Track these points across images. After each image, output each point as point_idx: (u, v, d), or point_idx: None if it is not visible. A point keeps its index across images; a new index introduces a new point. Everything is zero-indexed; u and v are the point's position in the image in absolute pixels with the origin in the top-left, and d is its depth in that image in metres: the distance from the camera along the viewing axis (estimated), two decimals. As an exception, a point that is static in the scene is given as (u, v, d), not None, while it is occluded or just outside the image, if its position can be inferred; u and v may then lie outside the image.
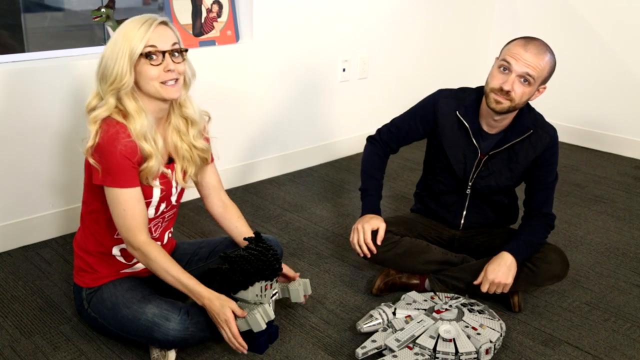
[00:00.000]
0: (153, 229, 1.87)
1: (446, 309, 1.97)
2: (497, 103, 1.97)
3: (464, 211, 2.24)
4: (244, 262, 1.74)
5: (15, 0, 4.71)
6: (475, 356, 1.82)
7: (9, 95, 2.30)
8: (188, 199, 2.89)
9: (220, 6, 2.92)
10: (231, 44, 2.97)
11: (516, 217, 2.31)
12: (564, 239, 2.71)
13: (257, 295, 1.77)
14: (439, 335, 1.83)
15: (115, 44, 1.64)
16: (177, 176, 1.83)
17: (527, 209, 2.16)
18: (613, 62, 3.77)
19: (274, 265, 1.78)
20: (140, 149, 1.67)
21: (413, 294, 2.07)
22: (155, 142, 1.71)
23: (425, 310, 1.98)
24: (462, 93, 2.15)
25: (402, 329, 1.87)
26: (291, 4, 3.10)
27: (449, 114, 2.13)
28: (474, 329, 1.88)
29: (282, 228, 2.73)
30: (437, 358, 1.80)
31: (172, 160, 1.83)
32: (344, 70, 3.45)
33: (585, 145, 3.98)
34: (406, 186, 3.23)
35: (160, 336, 1.74)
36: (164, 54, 1.66)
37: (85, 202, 1.84)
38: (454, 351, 1.79)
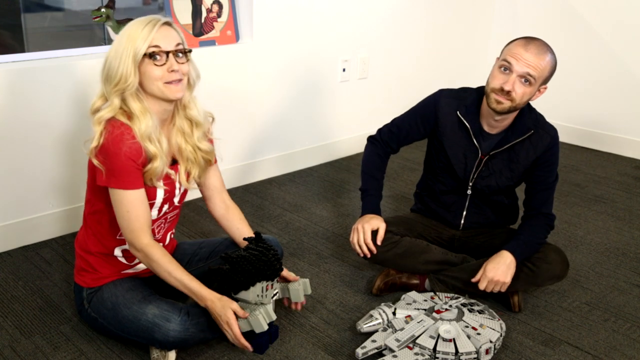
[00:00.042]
0: (156, 230, 1.86)
1: (446, 309, 1.97)
2: (498, 103, 1.97)
3: (464, 211, 2.24)
4: (245, 262, 1.74)
5: (15, 0, 4.70)
6: (475, 356, 1.82)
7: (8, 95, 2.30)
8: (188, 199, 2.87)
9: (220, 6, 2.92)
10: (231, 44, 2.97)
11: (516, 218, 2.31)
12: (564, 239, 2.71)
13: (258, 296, 1.77)
14: (439, 335, 1.83)
15: (119, 44, 1.65)
16: (180, 177, 1.83)
17: (527, 209, 2.16)
18: (613, 62, 3.77)
19: (274, 265, 1.78)
20: (144, 150, 1.67)
21: (413, 294, 2.07)
22: (159, 143, 1.70)
23: (425, 310, 1.98)
24: (463, 93, 2.15)
25: (402, 329, 1.87)
26: (291, 4, 3.09)
27: (449, 114, 2.13)
28: (474, 329, 1.88)
29: (282, 228, 2.73)
30: (437, 358, 1.80)
31: (176, 162, 1.83)
32: (344, 70, 3.45)
33: (585, 145, 3.98)
34: (406, 186, 3.23)
35: (161, 337, 1.74)
36: (167, 54, 1.66)
37: (89, 202, 1.84)
38: (454, 351, 1.79)
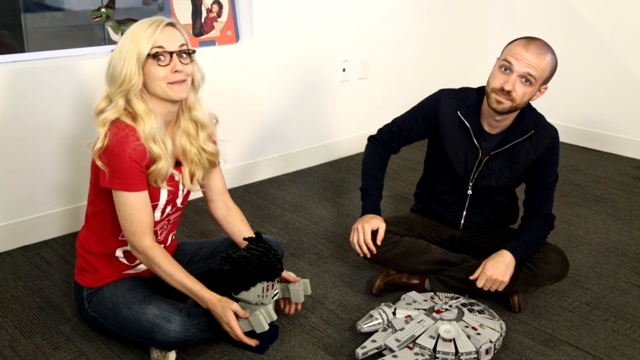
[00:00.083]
0: (159, 231, 1.87)
1: (446, 309, 1.97)
2: (499, 103, 1.97)
3: (464, 211, 2.24)
4: (245, 262, 1.74)
5: (15, 0, 4.70)
6: (475, 356, 1.82)
7: (8, 95, 2.30)
8: (188, 199, 2.88)
9: (220, 6, 2.92)
10: (231, 44, 2.97)
11: (516, 218, 2.31)
12: (564, 239, 2.71)
13: (258, 296, 1.77)
14: (439, 335, 1.83)
15: (123, 46, 1.65)
16: (184, 179, 1.82)
17: (527, 209, 2.16)
18: (613, 62, 3.76)
19: (275, 265, 1.78)
20: (149, 152, 1.67)
21: (413, 294, 2.07)
22: (164, 144, 1.70)
23: (425, 310, 1.98)
24: (463, 93, 2.15)
25: (402, 329, 1.87)
26: (291, 4, 3.09)
27: (450, 113, 2.13)
28: (474, 329, 1.88)
29: (282, 228, 2.73)
30: (437, 358, 1.80)
31: (179, 164, 1.82)
32: (344, 70, 3.45)
33: (585, 145, 3.98)
34: (406, 186, 3.23)
35: (161, 337, 1.74)
36: (171, 55, 1.66)
37: (91, 203, 1.84)
38: (454, 351, 1.79)
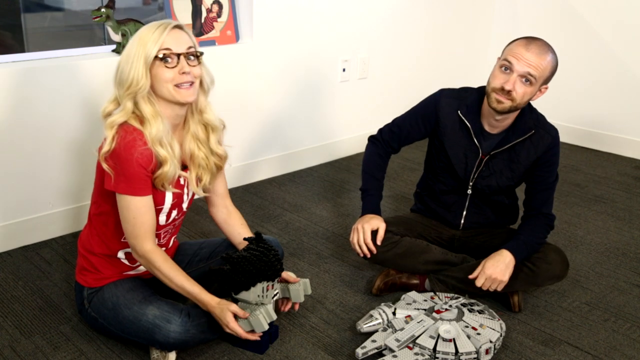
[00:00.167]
0: (162, 235, 1.87)
1: (446, 309, 1.97)
2: (499, 103, 1.97)
3: (464, 211, 2.24)
4: (246, 262, 1.74)
5: (15, 0, 4.70)
6: (475, 356, 1.82)
7: (8, 96, 2.30)
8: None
9: (220, 6, 2.92)
10: (231, 44, 2.97)
11: (516, 218, 2.31)
12: (564, 239, 2.71)
13: (258, 296, 1.77)
14: (439, 335, 1.83)
15: (130, 48, 1.65)
16: (190, 183, 1.82)
17: (527, 209, 2.16)
18: (613, 62, 3.77)
19: (275, 265, 1.78)
20: (155, 155, 1.67)
21: (413, 294, 2.07)
22: (171, 147, 1.70)
23: (425, 310, 1.98)
24: (463, 93, 2.14)
25: (402, 329, 1.87)
26: (291, 4, 3.09)
27: (450, 113, 2.13)
28: (474, 329, 1.88)
29: (282, 228, 2.73)
30: (437, 358, 1.80)
31: (186, 167, 1.82)
32: (344, 70, 3.45)
33: (585, 145, 3.98)
34: (406, 186, 3.23)
35: (161, 338, 1.74)
36: (178, 57, 1.66)
37: (95, 203, 1.83)
38: (454, 351, 1.79)
